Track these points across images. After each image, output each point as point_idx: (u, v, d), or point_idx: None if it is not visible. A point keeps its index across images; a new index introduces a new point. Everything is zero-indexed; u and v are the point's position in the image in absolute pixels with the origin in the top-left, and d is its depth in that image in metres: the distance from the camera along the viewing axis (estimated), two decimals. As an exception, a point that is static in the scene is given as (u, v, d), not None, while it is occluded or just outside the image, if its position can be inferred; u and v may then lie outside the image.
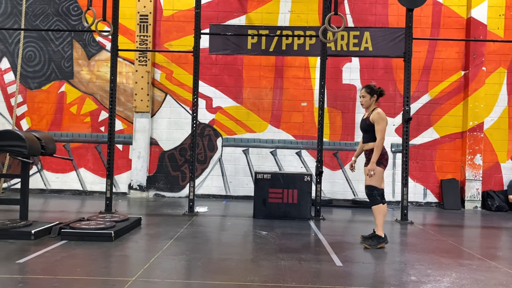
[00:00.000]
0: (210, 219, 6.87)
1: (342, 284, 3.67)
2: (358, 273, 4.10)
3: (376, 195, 5.17)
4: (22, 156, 5.48)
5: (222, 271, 4.02)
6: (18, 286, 3.41)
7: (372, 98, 5.30)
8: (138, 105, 9.27)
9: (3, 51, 9.50)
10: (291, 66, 9.43)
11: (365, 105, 5.34)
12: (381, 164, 5.17)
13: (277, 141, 9.41)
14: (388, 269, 4.22)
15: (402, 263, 4.47)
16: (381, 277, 3.92)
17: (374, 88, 5.33)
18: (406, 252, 5.13)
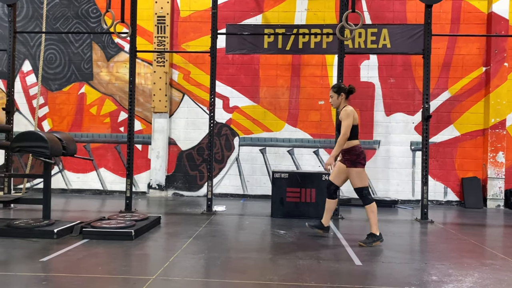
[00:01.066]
0: (228, 218, 6.90)
1: (361, 284, 3.64)
2: (378, 272, 4.06)
3: (367, 194, 5.22)
4: (44, 157, 5.60)
5: (240, 270, 4.03)
6: (42, 284, 3.48)
7: (340, 97, 5.34)
8: (156, 106, 9.37)
9: (25, 54, 9.71)
10: (308, 64, 9.39)
11: (334, 104, 5.42)
12: (359, 164, 5.21)
13: (294, 140, 9.39)
14: (408, 269, 4.17)
15: (423, 263, 4.42)
16: (402, 277, 3.87)
17: (341, 87, 5.38)
18: (426, 251, 5.06)
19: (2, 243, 4.75)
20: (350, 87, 5.36)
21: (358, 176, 5.19)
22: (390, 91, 9.28)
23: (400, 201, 9.05)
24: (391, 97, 9.27)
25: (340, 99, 5.35)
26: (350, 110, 5.21)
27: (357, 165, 5.18)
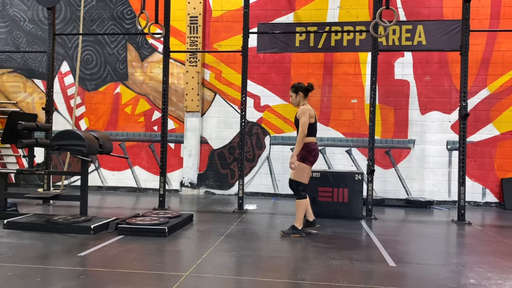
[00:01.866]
0: (259, 216, 6.91)
1: (395, 285, 3.57)
2: (412, 274, 3.97)
3: (301, 190, 5.36)
4: (81, 155, 5.77)
5: (272, 269, 4.03)
6: (80, 277, 3.59)
7: (298, 96, 5.47)
8: (188, 105, 9.49)
9: (63, 55, 10.04)
10: (340, 62, 9.28)
11: (294, 103, 5.55)
12: (306, 161, 5.32)
13: (326, 139, 9.30)
14: (444, 271, 4.06)
15: (460, 265, 4.28)
16: (437, 279, 3.77)
17: (298, 86, 5.48)
18: (463, 254, 4.91)
19: (42, 238, 4.93)
20: (308, 85, 5.52)
21: (301, 171, 5.34)
22: (425, 89, 9.05)
23: (436, 202, 8.81)
24: (426, 95, 9.04)
25: (299, 98, 5.50)
26: (306, 108, 5.34)
27: (304, 161, 5.33)
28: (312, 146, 5.35)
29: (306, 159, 5.34)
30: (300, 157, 5.33)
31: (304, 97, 5.49)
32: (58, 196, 6.32)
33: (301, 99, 5.49)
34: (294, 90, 5.49)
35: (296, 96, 5.50)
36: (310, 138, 5.36)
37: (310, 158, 5.35)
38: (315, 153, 5.39)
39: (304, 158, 5.33)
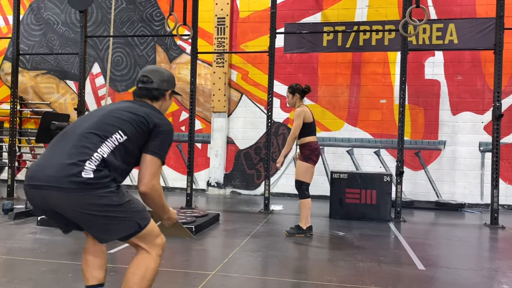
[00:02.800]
0: (285, 217, 6.89)
1: (425, 289, 3.50)
2: (442, 278, 3.87)
3: (304, 190, 5.34)
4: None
5: (298, 270, 4.01)
6: (110, 274, 3.66)
7: (295, 97, 5.47)
8: (215, 106, 9.56)
9: (94, 57, 10.30)
10: (369, 62, 9.16)
11: (290, 104, 5.57)
12: (309, 160, 5.30)
13: (353, 140, 9.19)
14: (476, 276, 3.94)
15: (493, 270, 4.15)
16: (468, 284, 3.67)
17: (295, 87, 5.48)
18: (496, 258, 4.76)
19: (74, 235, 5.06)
20: (306, 87, 5.51)
21: (304, 171, 5.33)
22: (457, 89, 8.82)
23: (467, 205, 8.58)
24: (458, 95, 8.81)
25: (295, 99, 5.50)
26: (301, 110, 5.33)
27: (307, 161, 5.31)
28: (314, 145, 5.37)
29: (309, 158, 5.34)
30: (303, 156, 5.36)
31: (301, 98, 5.52)
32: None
33: (297, 100, 5.51)
34: (291, 91, 5.50)
35: (292, 97, 5.51)
36: (310, 138, 5.36)
37: (313, 157, 5.35)
38: (318, 152, 5.40)
39: (307, 157, 5.34)
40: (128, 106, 2.28)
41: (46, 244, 4.62)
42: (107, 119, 2.17)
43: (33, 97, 10.60)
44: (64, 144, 2.11)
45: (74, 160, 2.01)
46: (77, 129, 2.16)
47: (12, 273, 3.64)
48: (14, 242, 4.69)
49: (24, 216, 6.06)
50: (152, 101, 2.38)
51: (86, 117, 2.27)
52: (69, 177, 1.98)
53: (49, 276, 3.53)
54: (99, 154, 2.05)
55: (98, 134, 2.11)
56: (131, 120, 2.17)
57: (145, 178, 2.15)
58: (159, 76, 2.38)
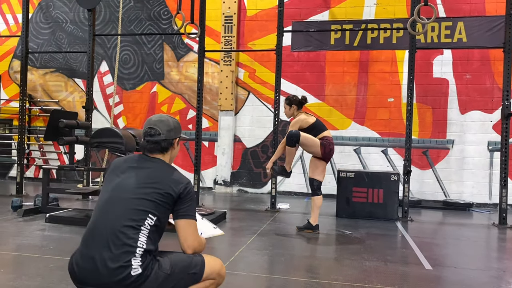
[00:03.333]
0: (292, 216, 6.88)
1: (432, 289, 3.48)
2: (449, 278, 3.85)
3: (315, 187, 5.46)
4: (119, 152, 5.92)
5: (305, 268, 4.01)
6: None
7: (292, 108, 5.58)
8: (222, 104, 9.57)
9: (103, 55, 10.35)
10: (377, 60, 9.11)
11: (287, 115, 5.66)
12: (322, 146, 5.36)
13: (361, 139, 9.16)
14: (483, 276, 3.92)
15: (501, 270, 4.12)
16: (476, 284, 3.64)
17: (292, 98, 5.58)
18: (504, 258, 4.72)
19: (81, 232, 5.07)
20: (302, 98, 5.60)
21: (314, 167, 5.47)
22: (465, 87, 8.75)
23: (476, 204, 8.51)
24: (466, 94, 8.74)
25: (292, 110, 5.60)
26: (297, 119, 5.48)
27: (320, 146, 5.34)
28: (330, 140, 5.40)
29: (324, 146, 5.36)
30: (321, 142, 5.37)
31: (298, 109, 5.61)
32: (96, 192, 6.50)
33: (295, 111, 5.61)
34: (288, 103, 5.61)
35: (289, 109, 5.62)
36: (322, 134, 5.42)
37: (327, 149, 5.36)
38: (332, 147, 5.41)
39: (323, 145, 5.36)
40: (147, 177, 2.25)
41: (55, 241, 4.66)
42: (135, 205, 2.17)
43: (42, 95, 10.68)
44: (101, 244, 2.12)
45: (121, 263, 2.07)
46: (108, 221, 2.15)
47: (20, 269, 3.68)
48: (23, 238, 4.73)
49: (33, 213, 6.12)
50: (163, 153, 2.40)
51: (112, 198, 2.22)
52: (122, 281, 2.07)
53: (57, 272, 3.56)
54: (140, 248, 2.12)
55: (133, 226, 2.14)
56: (158, 199, 2.20)
57: (189, 240, 2.29)
58: (165, 127, 2.38)
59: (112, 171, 2.36)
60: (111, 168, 2.39)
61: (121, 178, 2.28)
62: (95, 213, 2.23)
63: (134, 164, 2.34)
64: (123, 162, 2.39)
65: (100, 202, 2.25)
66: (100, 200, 2.27)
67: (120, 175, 2.31)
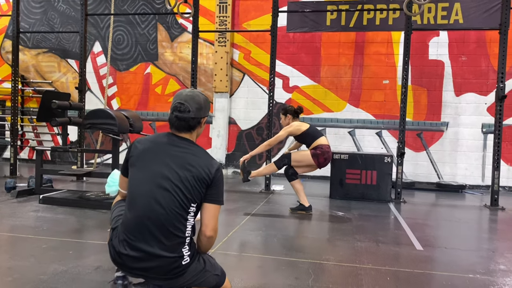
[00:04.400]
0: (286, 197, 6.92)
1: (421, 269, 3.52)
2: (439, 258, 3.90)
3: (291, 174, 5.57)
4: (112, 133, 5.90)
5: (297, 249, 4.05)
6: (110, 251, 3.71)
7: (287, 117, 5.72)
8: (217, 86, 9.51)
9: (96, 36, 10.21)
10: (372, 42, 9.05)
11: (283, 124, 5.77)
12: (315, 158, 5.48)
13: (355, 121, 9.16)
14: (473, 256, 3.97)
15: (490, 251, 4.18)
16: (466, 264, 3.69)
17: (287, 108, 5.75)
18: (495, 239, 4.79)
19: (75, 213, 5.12)
20: (298, 108, 5.74)
21: (302, 161, 5.53)
22: (461, 69, 8.73)
23: (468, 186, 8.59)
24: (462, 76, 8.72)
25: (288, 120, 5.72)
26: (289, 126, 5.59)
27: (313, 157, 5.47)
28: (326, 148, 5.52)
29: (316, 156, 5.49)
30: (313, 152, 5.51)
31: (293, 118, 5.71)
32: (90, 173, 6.51)
33: (290, 120, 5.71)
34: (284, 113, 5.74)
35: (285, 118, 5.75)
36: (320, 140, 5.54)
37: (321, 158, 5.49)
38: (327, 156, 5.53)
39: (316, 155, 5.50)
40: (183, 163, 2.22)
41: (48, 222, 4.67)
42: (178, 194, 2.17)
43: (34, 76, 10.57)
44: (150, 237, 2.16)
45: (175, 253, 2.16)
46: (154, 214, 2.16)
47: (13, 250, 3.69)
48: (16, 219, 4.74)
49: (27, 194, 6.12)
50: (190, 131, 2.35)
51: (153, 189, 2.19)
52: (174, 269, 2.17)
53: (50, 253, 3.57)
54: (188, 237, 2.21)
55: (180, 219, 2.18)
56: (196, 186, 2.21)
57: (211, 224, 2.27)
58: (196, 104, 2.30)
59: (143, 154, 2.29)
60: (139, 149, 2.30)
61: (156, 163, 2.24)
62: (136, 203, 2.20)
63: (165, 147, 2.29)
64: (151, 142, 2.31)
65: (139, 191, 2.22)
66: (138, 188, 2.23)
67: (153, 159, 2.25)
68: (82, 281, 2.95)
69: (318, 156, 5.46)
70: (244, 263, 3.57)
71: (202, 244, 2.38)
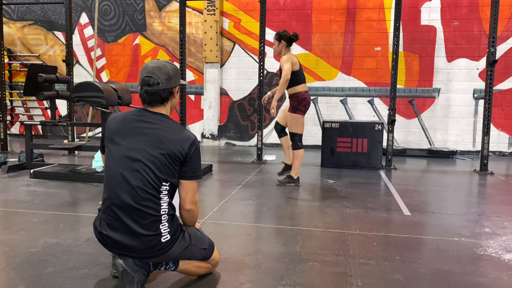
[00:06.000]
0: (277, 167, 6.94)
1: (408, 233, 3.58)
2: (426, 223, 3.97)
3: (297, 140, 5.39)
4: (101, 106, 5.84)
5: (286, 216, 4.10)
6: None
7: (281, 44, 5.34)
8: (207, 56, 9.38)
9: (82, 6, 9.97)
10: (364, 8, 8.90)
11: (276, 51, 5.43)
12: (298, 111, 5.30)
13: (347, 89, 9.11)
14: (460, 220, 4.04)
15: (477, 214, 4.25)
16: (452, 228, 3.76)
17: (282, 34, 5.33)
18: (482, 203, 4.86)
19: (66, 187, 5.13)
20: (293, 34, 5.36)
21: (295, 122, 5.35)
22: (453, 34, 8.64)
23: (459, 152, 8.66)
24: (454, 42, 8.64)
25: (281, 47, 5.39)
26: (287, 56, 5.23)
27: (296, 111, 5.31)
28: (301, 96, 5.29)
29: (297, 109, 5.32)
30: (291, 108, 5.34)
31: (287, 45, 5.37)
32: (80, 147, 6.49)
33: (283, 48, 5.37)
34: (278, 38, 5.35)
35: (278, 45, 5.38)
36: (299, 87, 5.29)
37: (301, 107, 5.32)
38: (306, 102, 5.33)
39: (295, 108, 5.32)
40: (154, 141, 2.20)
41: (39, 196, 4.68)
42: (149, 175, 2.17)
43: (21, 49, 10.37)
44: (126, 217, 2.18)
45: (151, 231, 2.19)
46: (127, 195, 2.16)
47: (4, 224, 3.71)
48: (7, 194, 4.75)
49: (18, 169, 6.11)
50: (164, 104, 2.31)
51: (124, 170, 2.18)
52: (154, 247, 2.21)
53: (41, 226, 3.60)
54: (164, 214, 2.23)
55: (152, 199, 2.18)
56: (168, 164, 2.20)
57: (188, 198, 2.32)
58: (164, 75, 2.25)
59: (114, 134, 2.27)
60: (111, 129, 2.29)
61: (126, 143, 2.22)
62: (110, 184, 2.22)
63: (136, 125, 2.26)
64: (121, 121, 2.28)
65: (111, 172, 2.23)
66: (110, 169, 2.24)
67: (124, 139, 2.23)
68: (72, 253, 2.99)
69: (298, 108, 5.28)
70: (234, 232, 3.62)
71: (185, 218, 2.42)
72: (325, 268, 2.81)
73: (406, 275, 2.71)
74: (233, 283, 2.54)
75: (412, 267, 2.84)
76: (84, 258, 2.89)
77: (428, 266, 2.88)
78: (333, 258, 2.98)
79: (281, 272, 2.71)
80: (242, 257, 2.97)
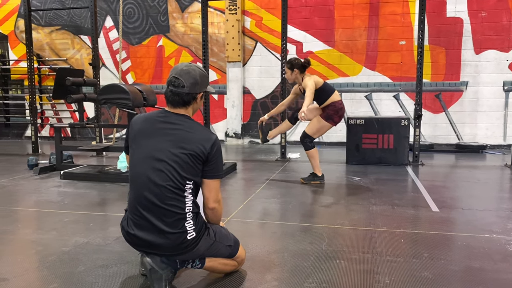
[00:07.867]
0: (301, 164, 6.93)
1: (436, 230, 3.51)
2: (455, 219, 3.88)
3: (307, 142, 5.36)
4: (127, 108, 5.95)
5: (311, 214, 4.08)
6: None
7: (294, 73, 5.21)
8: (230, 55, 9.42)
9: (107, 10, 10.17)
10: (387, 1, 8.76)
11: (290, 80, 5.34)
12: (330, 120, 5.24)
13: (372, 84, 8.99)
14: (491, 216, 3.93)
15: (508, 210, 4.13)
16: (482, 224, 3.67)
17: (293, 62, 5.19)
18: (514, 199, 4.71)
19: (95, 187, 5.25)
20: (305, 61, 5.18)
21: (319, 127, 5.31)
22: (481, 26, 8.40)
23: (489, 146, 8.42)
24: (482, 33, 8.40)
25: (295, 75, 5.23)
26: (309, 77, 5.11)
27: (328, 120, 5.24)
28: (338, 105, 5.22)
29: (331, 118, 5.24)
30: (326, 115, 5.25)
31: (300, 73, 5.22)
32: (108, 148, 6.62)
33: (297, 75, 5.22)
34: (290, 67, 5.20)
35: (291, 73, 5.23)
36: (333, 96, 5.23)
37: (336, 118, 5.25)
38: (342, 113, 5.27)
39: (330, 117, 5.24)
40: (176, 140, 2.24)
41: (69, 196, 4.81)
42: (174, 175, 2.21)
43: (49, 54, 10.66)
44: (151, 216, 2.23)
45: (177, 229, 2.23)
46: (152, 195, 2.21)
47: (37, 224, 3.83)
48: (39, 195, 4.90)
49: (48, 170, 6.29)
50: (186, 107, 2.35)
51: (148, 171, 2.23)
52: (180, 244, 2.25)
53: (71, 226, 3.70)
54: (188, 212, 2.27)
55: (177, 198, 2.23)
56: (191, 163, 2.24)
57: (211, 197, 2.36)
58: (191, 79, 2.30)
59: (138, 135, 2.32)
60: (135, 130, 2.34)
61: (150, 144, 2.27)
62: (135, 185, 2.28)
63: (159, 125, 2.31)
64: (145, 122, 2.33)
65: (136, 173, 2.28)
66: (135, 170, 2.29)
67: (148, 139, 2.29)
68: (102, 251, 3.06)
69: (332, 117, 5.24)
70: (259, 230, 3.63)
71: (209, 217, 2.45)
72: (352, 265, 2.79)
73: (435, 273, 2.66)
74: (259, 281, 2.55)
75: (441, 265, 2.78)
76: (114, 256, 2.95)
77: (458, 263, 2.82)
78: (359, 255, 2.96)
79: (307, 270, 2.70)
80: (267, 255, 2.98)
